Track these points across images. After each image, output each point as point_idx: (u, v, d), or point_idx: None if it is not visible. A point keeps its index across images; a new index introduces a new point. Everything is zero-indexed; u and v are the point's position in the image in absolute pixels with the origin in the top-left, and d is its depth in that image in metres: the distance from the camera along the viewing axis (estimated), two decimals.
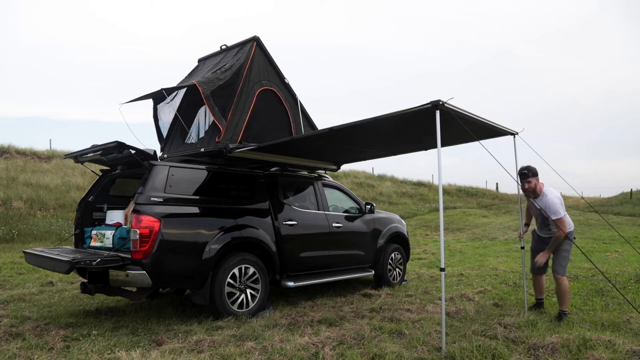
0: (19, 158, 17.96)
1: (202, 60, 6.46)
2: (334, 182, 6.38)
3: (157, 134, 6.20)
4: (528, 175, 4.47)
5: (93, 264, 4.05)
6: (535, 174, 4.48)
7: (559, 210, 4.39)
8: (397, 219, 6.94)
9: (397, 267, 6.65)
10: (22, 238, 11.37)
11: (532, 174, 4.47)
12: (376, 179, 27.40)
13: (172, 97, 5.87)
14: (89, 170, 8.14)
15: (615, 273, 7.02)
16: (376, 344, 3.68)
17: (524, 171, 4.49)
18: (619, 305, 5.05)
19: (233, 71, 5.50)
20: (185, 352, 3.56)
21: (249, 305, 4.78)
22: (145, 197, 4.29)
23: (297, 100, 6.12)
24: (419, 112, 3.76)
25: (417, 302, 5.37)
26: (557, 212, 4.36)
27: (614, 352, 3.37)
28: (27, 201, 13.93)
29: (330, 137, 4.81)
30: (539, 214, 4.61)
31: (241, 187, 5.22)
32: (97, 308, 5.16)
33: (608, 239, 12.72)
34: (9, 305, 5.28)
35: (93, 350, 3.62)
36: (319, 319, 4.57)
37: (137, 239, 4.14)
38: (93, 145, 4.88)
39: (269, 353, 3.51)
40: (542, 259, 4.53)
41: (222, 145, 5.06)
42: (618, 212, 21.41)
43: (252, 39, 5.76)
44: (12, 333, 4.09)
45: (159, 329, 4.24)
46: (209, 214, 4.71)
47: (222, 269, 4.59)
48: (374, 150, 5.90)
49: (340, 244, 5.89)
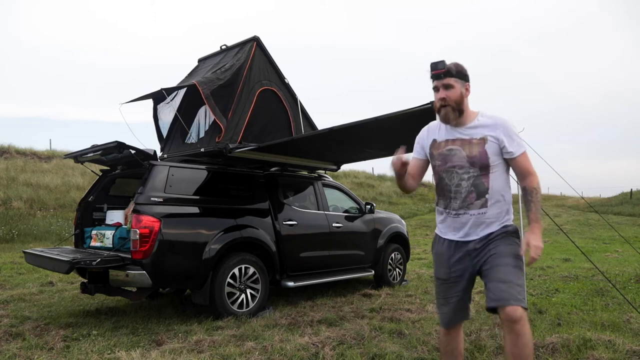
0: (19, 158, 17.95)
1: (202, 60, 6.46)
2: (334, 182, 6.38)
3: (157, 134, 6.21)
4: (445, 70, 2.27)
5: (93, 264, 4.05)
6: (461, 75, 2.30)
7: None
8: (397, 219, 6.94)
9: (397, 267, 6.65)
10: (22, 238, 11.37)
11: (456, 72, 2.28)
12: (376, 179, 27.40)
13: (172, 97, 5.87)
14: (89, 170, 8.14)
15: (615, 273, 7.02)
16: (376, 344, 3.68)
17: (438, 65, 2.28)
18: (619, 305, 5.04)
19: (233, 71, 5.50)
20: (185, 352, 3.56)
21: (249, 305, 4.78)
22: (145, 197, 4.30)
23: (297, 100, 6.12)
24: (419, 112, 3.76)
25: (417, 302, 5.37)
26: (520, 143, 2.31)
27: (614, 352, 3.37)
28: (27, 201, 13.93)
29: (330, 137, 4.81)
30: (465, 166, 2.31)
31: (241, 187, 5.22)
32: (97, 308, 5.16)
33: (608, 239, 12.72)
34: (9, 305, 5.28)
35: (93, 350, 3.62)
36: (319, 319, 4.57)
37: (137, 239, 4.14)
38: (93, 145, 4.88)
39: (269, 353, 3.51)
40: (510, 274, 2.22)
41: (222, 145, 5.06)
42: (618, 212, 21.42)
43: (252, 39, 5.77)
44: (12, 333, 4.09)
45: (159, 329, 4.24)
46: (209, 214, 4.71)
47: (222, 269, 4.59)
48: (374, 150, 5.90)
49: (340, 244, 5.89)
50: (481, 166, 2.29)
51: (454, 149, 2.35)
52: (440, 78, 2.28)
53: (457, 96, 2.28)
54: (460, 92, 2.29)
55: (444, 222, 2.47)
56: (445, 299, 2.48)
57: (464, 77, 2.32)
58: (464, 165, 2.32)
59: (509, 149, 2.29)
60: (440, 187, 2.44)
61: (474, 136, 2.32)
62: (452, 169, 2.35)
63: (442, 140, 2.40)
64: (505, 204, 2.35)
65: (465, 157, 2.32)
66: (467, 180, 2.32)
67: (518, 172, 2.35)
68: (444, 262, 2.45)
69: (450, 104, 2.28)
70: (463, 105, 2.32)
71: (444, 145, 2.39)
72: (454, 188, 2.35)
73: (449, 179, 2.36)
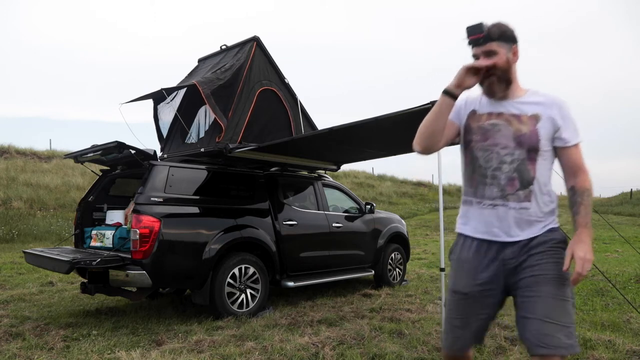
0: (19, 158, 17.95)
1: (202, 60, 6.46)
2: (334, 182, 6.38)
3: (157, 134, 6.21)
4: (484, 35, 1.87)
5: (93, 264, 4.05)
6: (506, 37, 1.88)
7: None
8: (397, 219, 6.94)
9: (397, 267, 6.65)
10: (22, 238, 11.37)
11: (499, 35, 1.87)
12: (376, 179, 27.39)
13: (172, 97, 5.87)
14: (89, 170, 8.14)
15: (615, 273, 7.02)
16: (376, 344, 3.68)
17: (475, 29, 1.88)
18: (619, 305, 5.04)
19: (233, 71, 5.50)
20: (185, 352, 3.56)
21: (249, 305, 4.78)
22: (145, 197, 4.30)
23: (297, 100, 6.12)
24: (419, 112, 3.76)
25: (417, 302, 5.37)
26: (577, 131, 1.90)
27: (614, 352, 3.37)
28: (27, 201, 13.93)
29: (330, 137, 4.81)
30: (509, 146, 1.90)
31: (241, 187, 5.22)
32: (97, 308, 5.16)
33: (608, 239, 12.72)
34: (9, 305, 5.28)
35: (93, 350, 3.62)
36: (319, 319, 4.57)
37: (137, 239, 4.15)
38: (93, 145, 4.88)
39: (269, 353, 3.51)
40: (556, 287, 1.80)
41: (222, 145, 5.06)
42: (618, 212, 21.41)
43: (252, 39, 5.77)
44: (12, 333, 4.09)
45: (159, 329, 4.24)
46: (209, 214, 4.71)
47: (222, 269, 4.59)
48: (374, 150, 5.90)
49: (340, 244, 5.89)
50: (530, 148, 1.87)
51: (498, 124, 1.92)
52: (480, 44, 1.89)
53: (503, 63, 1.87)
54: (507, 58, 1.88)
55: (469, 216, 2.00)
56: (464, 320, 1.95)
57: (510, 39, 1.89)
58: (508, 144, 1.89)
59: (563, 135, 1.87)
60: (472, 169, 1.98)
61: (524, 112, 1.91)
62: (491, 148, 1.91)
63: (484, 112, 1.97)
64: (551, 202, 1.93)
65: (511, 135, 1.88)
66: (510, 164, 1.88)
67: (567, 167, 1.91)
68: (470, 270, 1.96)
69: (496, 73, 1.87)
70: (511, 74, 1.90)
71: (485, 118, 1.95)
72: (491, 172, 1.91)
73: (486, 159, 1.92)
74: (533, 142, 1.86)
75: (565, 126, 1.88)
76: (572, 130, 1.88)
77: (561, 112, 1.89)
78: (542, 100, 1.91)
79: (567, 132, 1.87)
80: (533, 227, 1.89)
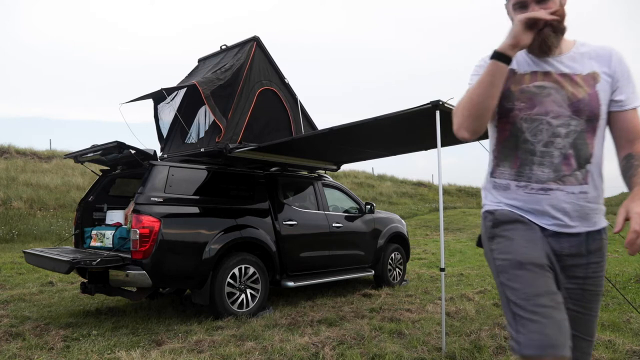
0: (19, 158, 17.95)
1: (202, 60, 6.47)
2: (334, 182, 6.39)
3: (157, 134, 6.21)
4: None
5: (93, 264, 4.05)
6: None
7: None
8: (397, 219, 6.94)
9: (397, 267, 6.65)
10: (22, 238, 11.37)
11: None
12: (376, 179, 27.39)
13: (172, 97, 5.88)
14: (89, 170, 8.15)
15: (615, 273, 7.02)
16: (376, 344, 3.68)
17: None
18: (619, 305, 5.04)
19: (233, 71, 5.51)
20: (185, 352, 3.56)
21: (249, 305, 4.78)
22: (145, 197, 4.30)
23: (297, 100, 6.12)
24: (419, 112, 3.76)
25: (417, 302, 5.37)
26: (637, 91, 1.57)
27: (614, 352, 3.37)
28: (27, 201, 13.93)
29: (330, 137, 4.82)
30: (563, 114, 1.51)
31: (241, 187, 5.22)
32: (97, 308, 5.16)
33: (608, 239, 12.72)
34: (9, 305, 5.28)
35: (93, 350, 3.62)
36: (319, 319, 4.57)
37: (137, 239, 4.15)
38: (93, 145, 4.88)
39: (269, 353, 3.51)
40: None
41: (222, 145, 5.07)
42: None
43: (252, 38, 5.77)
44: (12, 333, 4.09)
45: (159, 329, 4.24)
46: (209, 214, 4.71)
47: (222, 269, 4.59)
48: (374, 150, 5.90)
49: (340, 244, 5.89)
50: (589, 117, 1.50)
51: (547, 87, 1.52)
52: None
53: (562, 10, 1.50)
54: (560, 2, 1.52)
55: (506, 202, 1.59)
56: (552, 298, 1.41)
57: None
58: (563, 113, 1.51)
59: (621, 96, 1.52)
60: (513, 145, 1.57)
61: (576, 70, 1.53)
62: (541, 117, 1.52)
63: (526, 72, 1.57)
64: (602, 185, 1.57)
65: (566, 101, 1.51)
66: (565, 138, 1.50)
67: (625, 133, 1.53)
68: (537, 238, 1.52)
69: (552, 24, 1.48)
70: (564, 24, 1.52)
71: (529, 79, 1.55)
72: (541, 147, 1.52)
73: (533, 132, 1.53)
74: (593, 108, 1.50)
75: (625, 84, 1.53)
76: (632, 89, 1.54)
77: (621, 66, 1.54)
78: (597, 53, 1.56)
79: (626, 91, 1.53)
80: (592, 220, 1.57)
